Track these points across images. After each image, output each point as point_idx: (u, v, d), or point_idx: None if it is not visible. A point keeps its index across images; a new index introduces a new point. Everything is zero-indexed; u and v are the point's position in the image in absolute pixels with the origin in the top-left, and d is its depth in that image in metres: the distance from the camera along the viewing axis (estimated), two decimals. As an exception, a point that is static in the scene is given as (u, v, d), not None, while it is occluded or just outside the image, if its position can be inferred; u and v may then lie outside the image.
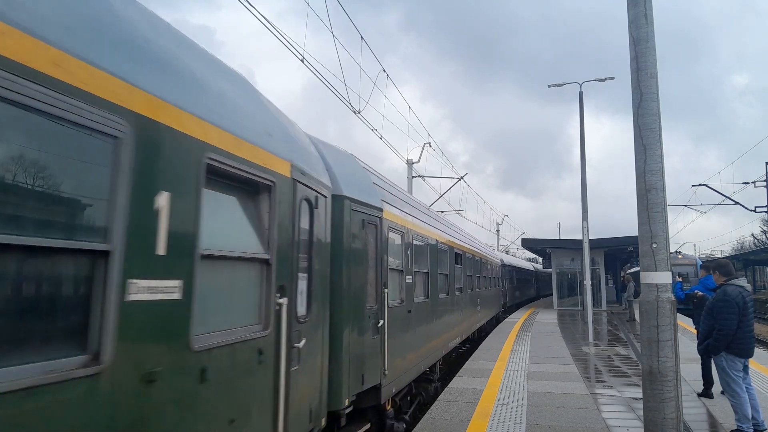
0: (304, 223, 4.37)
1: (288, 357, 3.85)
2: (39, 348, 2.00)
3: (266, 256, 3.63)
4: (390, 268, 6.78)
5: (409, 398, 8.36)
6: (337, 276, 5.29)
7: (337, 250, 5.31)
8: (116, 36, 2.46)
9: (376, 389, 6.05)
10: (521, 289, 35.32)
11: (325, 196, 5.00)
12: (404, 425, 7.35)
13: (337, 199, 5.43)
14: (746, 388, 6.25)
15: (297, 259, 4.16)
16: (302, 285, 4.30)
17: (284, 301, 3.74)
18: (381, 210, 6.48)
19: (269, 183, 3.65)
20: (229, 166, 3.14)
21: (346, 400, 5.24)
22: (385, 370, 6.22)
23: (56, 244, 2.05)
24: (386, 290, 6.45)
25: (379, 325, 6.14)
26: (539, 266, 55.24)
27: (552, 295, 48.09)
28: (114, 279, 2.25)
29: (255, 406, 3.44)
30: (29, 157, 2.00)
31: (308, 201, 4.45)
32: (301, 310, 4.24)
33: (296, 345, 4.04)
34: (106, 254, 2.24)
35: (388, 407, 6.76)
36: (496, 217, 55.37)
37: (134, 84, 2.43)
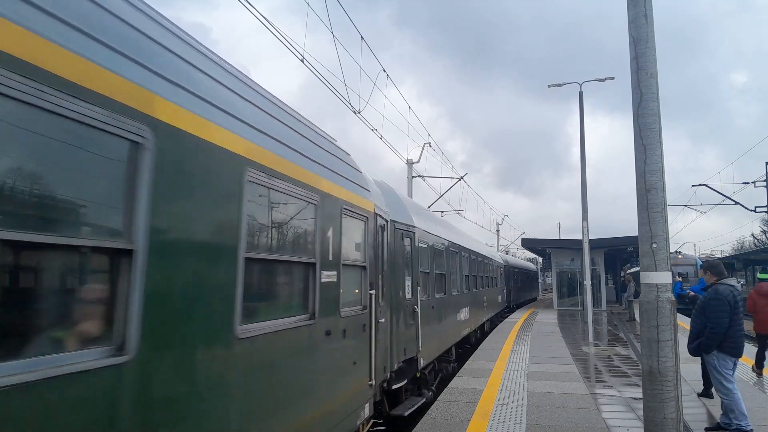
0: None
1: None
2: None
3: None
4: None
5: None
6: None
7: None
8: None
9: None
10: (477, 299, 16.55)
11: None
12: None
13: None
14: None
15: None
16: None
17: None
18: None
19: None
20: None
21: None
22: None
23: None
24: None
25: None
26: (517, 259, 42.51)
27: (529, 303, 37.24)
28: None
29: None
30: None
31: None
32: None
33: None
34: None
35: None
36: (496, 217, 55.17)
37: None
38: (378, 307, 6.57)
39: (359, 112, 12.70)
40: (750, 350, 10.19)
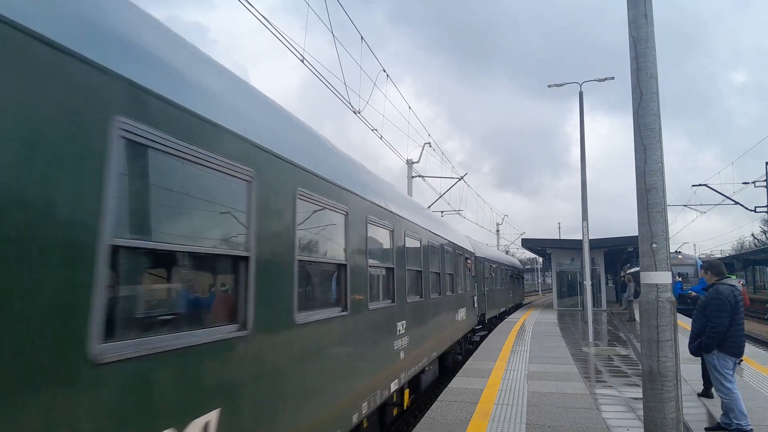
0: None
1: None
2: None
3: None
4: None
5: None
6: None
7: None
8: None
9: None
10: (377, 340, 6.38)
11: None
12: None
13: None
14: None
15: None
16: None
17: None
18: None
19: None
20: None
21: None
22: None
23: None
24: None
25: None
26: (495, 251, 30.88)
27: (513, 311, 28.70)
28: None
29: None
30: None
31: None
32: None
33: None
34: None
35: None
36: (496, 217, 55.06)
37: None
38: None
39: (359, 112, 12.70)
40: (760, 353, 10.20)
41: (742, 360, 7.84)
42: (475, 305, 16.07)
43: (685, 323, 15.56)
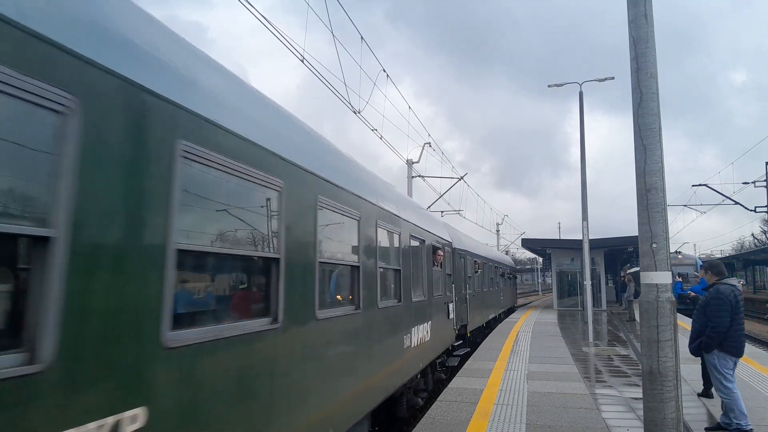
0: None
1: None
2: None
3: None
4: None
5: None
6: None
7: None
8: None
9: None
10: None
11: None
12: None
13: None
14: None
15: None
16: None
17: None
18: None
19: None
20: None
21: None
22: None
23: None
24: None
25: None
26: (481, 243, 23.29)
27: (505, 316, 23.99)
28: None
29: None
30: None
31: None
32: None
33: None
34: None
35: None
36: (496, 217, 54.99)
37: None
38: None
39: (359, 112, 12.70)
40: (760, 354, 10.20)
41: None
42: (452, 315, 11.85)
43: (685, 323, 15.54)
